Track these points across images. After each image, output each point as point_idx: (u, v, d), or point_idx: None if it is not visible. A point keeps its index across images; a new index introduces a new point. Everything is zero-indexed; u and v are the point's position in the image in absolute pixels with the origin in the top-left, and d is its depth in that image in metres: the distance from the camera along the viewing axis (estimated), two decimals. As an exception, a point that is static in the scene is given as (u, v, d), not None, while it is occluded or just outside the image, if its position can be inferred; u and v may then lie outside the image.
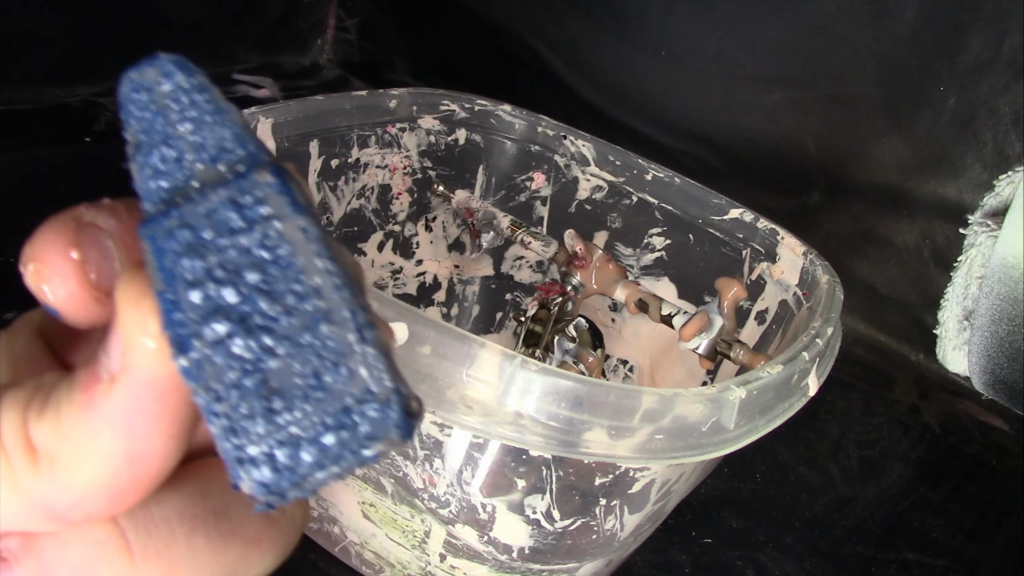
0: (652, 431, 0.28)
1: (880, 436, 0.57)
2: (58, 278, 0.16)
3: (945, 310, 0.48)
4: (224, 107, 0.16)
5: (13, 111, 0.71)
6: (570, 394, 0.27)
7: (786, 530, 0.47)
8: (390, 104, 0.48)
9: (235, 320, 0.15)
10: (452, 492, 0.32)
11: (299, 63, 0.93)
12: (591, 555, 0.35)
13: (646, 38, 0.74)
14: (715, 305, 0.40)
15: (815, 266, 0.41)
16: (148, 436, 0.15)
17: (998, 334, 0.43)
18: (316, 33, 0.94)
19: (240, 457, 0.15)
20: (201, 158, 0.16)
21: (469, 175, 0.51)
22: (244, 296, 0.15)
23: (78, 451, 0.15)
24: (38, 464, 0.15)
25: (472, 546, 0.34)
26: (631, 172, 0.48)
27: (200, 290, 0.15)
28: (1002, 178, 0.45)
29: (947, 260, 0.48)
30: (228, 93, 0.84)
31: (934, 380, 0.63)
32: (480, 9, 0.84)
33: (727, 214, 0.45)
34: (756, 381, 0.30)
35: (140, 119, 0.16)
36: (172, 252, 0.15)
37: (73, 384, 0.15)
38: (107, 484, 0.15)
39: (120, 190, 0.51)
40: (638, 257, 0.48)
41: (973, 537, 0.50)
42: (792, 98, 0.67)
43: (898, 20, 0.60)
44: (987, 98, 0.58)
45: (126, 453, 0.15)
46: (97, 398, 0.15)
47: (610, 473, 0.31)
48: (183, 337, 0.15)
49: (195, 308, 0.15)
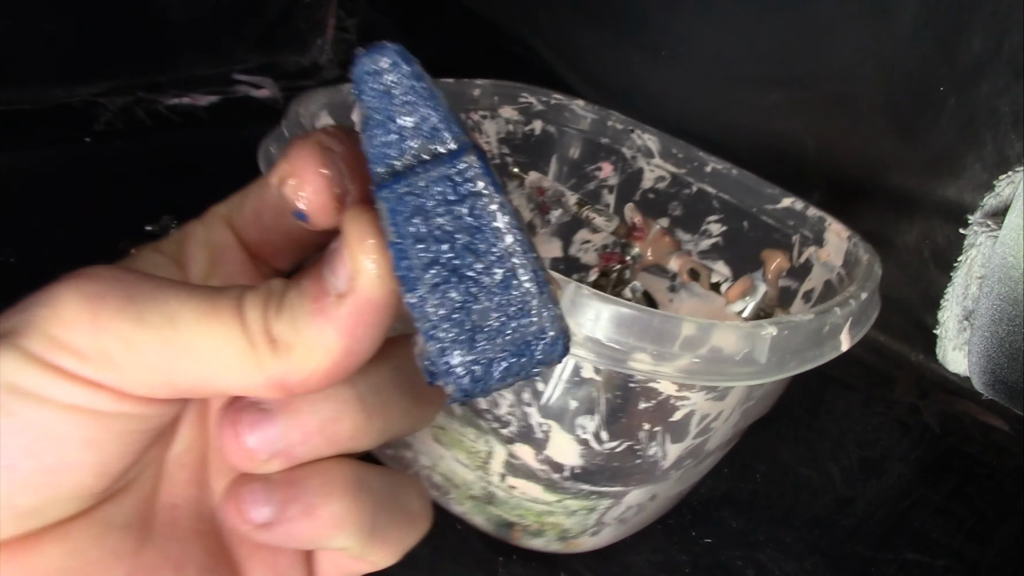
0: (691, 357, 0.31)
1: (880, 436, 0.57)
2: (312, 189, 0.21)
3: (945, 310, 0.48)
4: (436, 92, 0.20)
5: (13, 111, 0.71)
6: (620, 318, 0.31)
7: (786, 530, 0.47)
8: (474, 93, 0.52)
9: (449, 270, 0.20)
10: (513, 412, 0.37)
11: (299, 63, 0.93)
12: (636, 481, 0.39)
13: (646, 38, 0.74)
14: (760, 274, 0.44)
15: (858, 248, 0.44)
16: (363, 338, 0.20)
17: (998, 334, 0.43)
18: (316, 33, 0.94)
19: (448, 369, 0.20)
20: (418, 135, 0.20)
21: (543, 163, 0.56)
22: (456, 252, 0.20)
23: (310, 344, 0.20)
24: (277, 351, 0.20)
25: (529, 465, 0.38)
26: (692, 164, 0.52)
27: (424, 244, 0.20)
28: (1002, 178, 0.45)
29: (947, 260, 0.48)
30: (228, 93, 0.85)
31: (934, 380, 0.63)
32: (480, 9, 0.84)
33: (779, 203, 0.49)
34: (788, 322, 0.33)
35: (370, 98, 0.21)
36: (402, 213, 0.20)
37: (303, 292, 0.20)
38: (328, 368, 0.20)
39: (120, 190, 0.51)
40: (696, 242, 0.52)
41: (973, 537, 0.50)
42: (792, 98, 0.67)
43: (898, 20, 0.60)
44: (987, 98, 0.58)
45: (345, 348, 0.20)
46: (327, 308, 0.20)
47: (653, 399, 0.34)
48: (411, 279, 0.20)
49: (420, 258, 0.20)
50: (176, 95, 0.80)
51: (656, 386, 0.34)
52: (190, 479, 0.24)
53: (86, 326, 0.19)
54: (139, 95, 0.78)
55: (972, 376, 0.46)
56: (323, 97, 0.43)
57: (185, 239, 0.25)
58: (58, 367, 0.19)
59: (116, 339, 0.19)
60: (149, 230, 0.58)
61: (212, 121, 0.79)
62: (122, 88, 0.78)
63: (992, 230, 0.44)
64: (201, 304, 0.20)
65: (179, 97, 0.80)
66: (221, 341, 0.19)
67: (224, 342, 0.20)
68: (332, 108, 0.44)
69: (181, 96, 0.80)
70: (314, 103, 0.43)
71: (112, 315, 0.19)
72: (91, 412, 0.19)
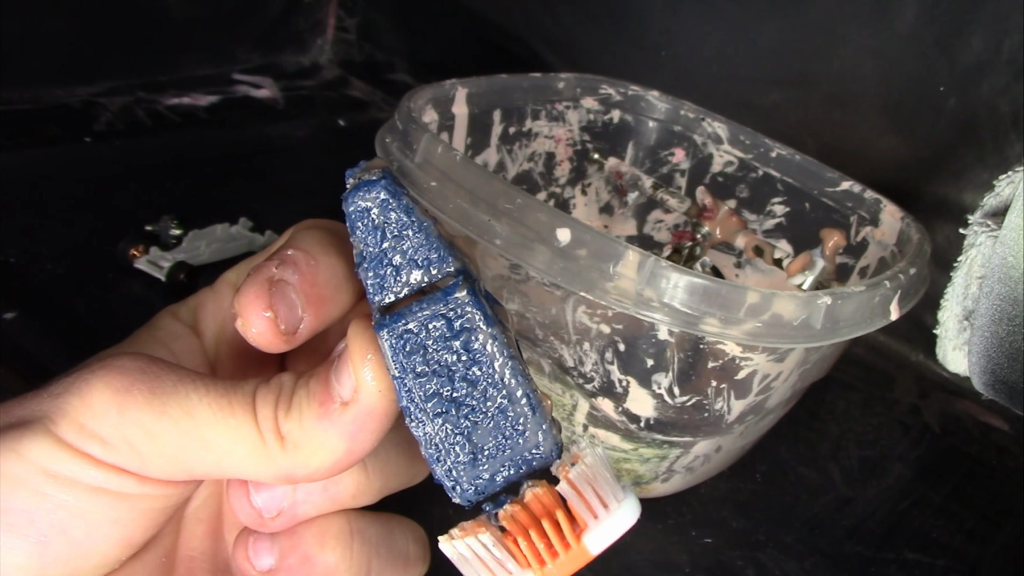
0: (754, 322, 0.35)
1: (880, 436, 0.57)
2: (256, 331, 0.23)
3: (945, 310, 0.48)
4: (426, 223, 0.22)
5: (13, 111, 0.71)
6: (693, 287, 0.35)
7: (786, 530, 0.47)
8: (559, 85, 0.57)
9: (449, 400, 0.22)
10: (596, 370, 0.41)
11: (299, 63, 0.93)
12: (703, 432, 0.42)
13: (646, 38, 0.74)
14: (819, 251, 0.47)
15: (910, 228, 0.47)
16: (365, 441, 0.22)
17: (998, 334, 0.43)
18: (316, 33, 0.94)
19: (454, 485, 0.22)
20: (412, 267, 0.22)
21: (620, 149, 0.60)
22: (455, 385, 0.22)
23: (315, 445, 0.22)
24: (285, 448, 0.22)
25: (609, 416, 0.42)
26: (758, 150, 0.55)
27: (425, 379, 0.21)
28: (1002, 178, 0.45)
29: (947, 260, 0.48)
30: (228, 93, 0.85)
31: (934, 380, 0.63)
32: (480, 9, 0.84)
33: (839, 186, 0.52)
34: (841, 292, 0.37)
35: (363, 235, 0.22)
36: (402, 350, 0.21)
37: (311, 395, 0.22)
38: (331, 466, 0.22)
39: (120, 190, 0.51)
40: (761, 222, 0.56)
41: (973, 537, 0.50)
42: (792, 98, 0.67)
43: (898, 20, 0.60)
44: (987, 98, 0.58)
45: (347, 450, 0.22)
46: (332, 414, 0.22)
47: (720, 359, 0.38)
48: (413, 411, 0.22)
49: (421, 391, 0.22)
50: (176, 95, 0.80)
51: (723, 347, 0.38)
52: (206, 532, 0.26)
53: (113, 417, 0.21)
54: (139, 95, 0.78)
55: (972, 376, 0.46)
56: (428, 93, 0.48)
57: (199, 307, 0.28)
58: (86, 453, 0.21)
59: (140, 430, 0.21)
60: (149, 230, 0.58)
61: (212, 121, 0.79)
62: (122, 88, 0.78)
63: (992, 230, 0.44)
64: (218, 400, 0.22)
65: (179, 97, 0.80)
66: (235, 437, 0.22)
67: (238, 438, 0.22)
68: (436, 102, 0.49)
69: (181, 96, 0.80)
70: (421, 98, 0.47)
71: (137, 408, 0.21)
72: (116, 494, 0.22)
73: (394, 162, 0.41)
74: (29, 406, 0.22)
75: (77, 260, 0.55)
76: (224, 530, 0.27)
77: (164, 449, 0.21)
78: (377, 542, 0.25)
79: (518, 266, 0.39)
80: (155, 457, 0.21)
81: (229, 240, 0.60)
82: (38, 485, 0.21)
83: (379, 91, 0.92)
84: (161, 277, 0.54)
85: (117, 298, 0.54)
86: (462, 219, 0.38)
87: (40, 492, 0.21)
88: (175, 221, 0.58)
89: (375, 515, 0.25)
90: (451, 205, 0.38)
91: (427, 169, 0.40)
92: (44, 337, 0.49)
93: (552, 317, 0.40)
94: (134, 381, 0.22)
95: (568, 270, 0.36)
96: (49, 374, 0.25)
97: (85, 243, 0.57)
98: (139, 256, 0.56)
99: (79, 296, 0.52)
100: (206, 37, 0.85)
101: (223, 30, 0.86)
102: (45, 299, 0.51)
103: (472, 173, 0.38)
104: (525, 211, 0.36)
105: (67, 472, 0.21)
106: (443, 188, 0.39)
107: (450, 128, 0.50)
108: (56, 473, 0.21)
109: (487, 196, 0.37)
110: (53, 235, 0.57)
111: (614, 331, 0.39)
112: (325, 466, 0.22)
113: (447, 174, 0.39)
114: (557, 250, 0.36)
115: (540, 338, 0.42)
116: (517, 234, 0.36)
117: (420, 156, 0.40)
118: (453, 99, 0.50)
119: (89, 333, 0.50)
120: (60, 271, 0.54)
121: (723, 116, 0.57)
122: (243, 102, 0.84)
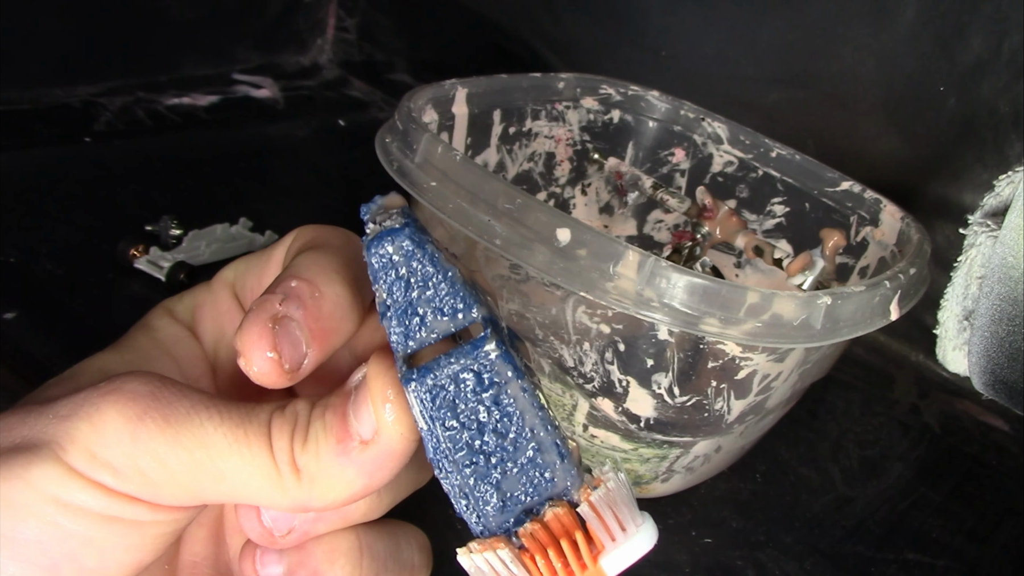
0: (754, 322, 0.35)
1: (880, 436, 0.57)
2: (258, 370, 0.22)
3: (945, 310, 0.48)
4: (451, 271, 0.22)
5: (13, 111, 0.71)
6: (693, 287, 0.35)
7: (786, 530, 0.47)
8: (559, 85, 0.57)
9: (476, 450, 0.21)
10: (596, 370, 0.41)
11: (299, 63, 0.93)
12: (703, 432, 0.42)
13: (646, 38, 0.74)
14: (819, 251, 0.47)
15: (910, 228, 0.47)
16: (383, 478, 0.22)
17: (998, 334, 0.43)
18: (316, 33, 0.94)
19: (478, 527, 0.22)
20: (438, 316, 0.22)
21: (621, 149, 0.60)
22: (485, 437, 0.21)
23: (332, 480, 0.22)
24: (301, 480, 0.21)
25: (609, 416, 0.42)
26: (758, 150, 0.55)
27: (452, 432, 0.21)
28: (1002, 178, 0.45)
29: (947, 260, 0.48)
30: (228, 93, 0.85)
31: (934, 380, 0.63)
32: (480, 9, 0.84)
33: (839, 186, 0.52)
34: (841, 292, 0.37)
35: (386, 286, 0.22)
36: (432, 405, 0.21)
37: (328, 428, 0.22)
38: (347, 500, 0.22)
39: (120, 190, 0.51)
40: (761, 222, 0.56)
41: (973, 537, 0.50)
42: (792, 98, 0.67)
43: (898, 20, 0.60)
44: (987, 98, 0.58)
45: (364, 486, 0.22)
46: (351, 452, 0.21)
47: (720, 359, 0.38)
48: (442, 464, 0.21)
49: (451, 445, 0.21)
50: (176, 95, 0.80)
51: (723, 347, 0.38)
52: (208, 537, 0.26)
53: (126, 446, 0.21)
54: (139, 95, 0.78)
55: (972, 376, 0.46)
56: (428, 93, 0.48)
57: (197, 308, 0.27)
58: (98, 482, 0.21)
59: (153, 459, 0.21)
60: (149, 230, 0.58)
61: (212, 121, 0.79)
62: (122, 88, 0.78)
63: (992, 230, 0.44)
64: (234, 430, 0.21)
65: (179, 97, 0.80)
66: (251, 469, 0.21)
67: (254, 470, 0.21)
68: (436, 102, 0.49)
69: (181, 96, 0.80)
70: (421, 98, 0.47)
71: (150, 437, 0.21)
72: (128, 521, 0.21)
73: (394, 162, 0.41)
74: (33, 426, 0.21)
75: (77, 260, 0.55)
76: (226, 534, 0.27)
77: (177, 478, 0.21)
78: (385, 556, 0.25)
79: (518, 266, 0.39)
80: (168, 486, 0.21)
81: (229, 240, 0.60)
82: (49, 514, 0.20)
83: (379, 91, 0.92)
84: (161, 277, 0.54)
85: (117, 298, 0.54)
86: (462, 219, 0.38)
87: (51, 521, 0.20)
88: (175, 221, 0.58)
89: (382, 527, 0.25)
90: (451, 205, 0.38)
91: (427, 169, 0.40)
92: (44, 337, 0.49)
93: (552, 317, 0.40)
94: (147, 408, 0.21)
95: (568, 270, 0.35)
96: (49, 374, 0.25)
97: (85, 243, 0.57)
98: (139, 256, 0.56)
99: (79, 296, 0.52)
100: (206, 37, 0.85)
101: (223, 30, 0.86)
102: (45, 299, 0.51)
103: (472, 173, 0.38)
104: (525, 211, 0.36)
105: (78, 501, 0.21)
106: (443, 188, 0.39)
107: (450, 128, 0.51)
108: (67, 502, 0.21)
109: (487, 196, 0.37)
110: (53, 235, 0.57)
111: (614, 331, 0.39)
112: (341, 499, 0.22)
113: (447, 174, 0.39)
114: (557, 250, 0.36)
115: (540, 338, 0.42)
116: (517, 234, 0.36)
117: (420, 156, 0.40)
118: (453, 99, 0.50)
119: (89, 333, 0.50)
120: (60, 271, 0.54)
121: (723, 116, 0.57)
122: (243, 102, 0.84)
